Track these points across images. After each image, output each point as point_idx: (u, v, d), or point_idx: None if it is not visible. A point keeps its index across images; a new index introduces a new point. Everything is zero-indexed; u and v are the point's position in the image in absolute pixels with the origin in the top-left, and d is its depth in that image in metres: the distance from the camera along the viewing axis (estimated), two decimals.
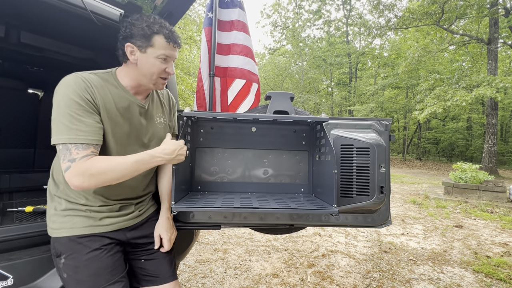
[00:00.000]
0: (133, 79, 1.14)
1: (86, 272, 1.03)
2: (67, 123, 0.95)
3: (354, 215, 1.28)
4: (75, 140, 0.95)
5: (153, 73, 1.10)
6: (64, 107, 0.96)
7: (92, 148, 0.99)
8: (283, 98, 1.45)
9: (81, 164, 0.95)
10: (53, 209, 1.12)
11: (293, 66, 27.06)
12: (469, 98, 10.27)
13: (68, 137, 0.95)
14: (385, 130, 1.34)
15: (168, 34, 1.09)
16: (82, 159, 0.95)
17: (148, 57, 1.08)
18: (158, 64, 1.10)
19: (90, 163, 0.96)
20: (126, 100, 1.13)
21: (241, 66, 2.50)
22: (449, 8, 12.00)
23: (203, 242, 3.54)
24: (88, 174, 0.94)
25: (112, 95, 1.09)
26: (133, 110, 1.16)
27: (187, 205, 1.13)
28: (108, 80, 1.11)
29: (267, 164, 1.52)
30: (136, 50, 1.08)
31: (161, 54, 1.09)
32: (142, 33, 1.06)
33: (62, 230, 1.08)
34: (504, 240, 3.93)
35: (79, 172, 0.94)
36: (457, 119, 22.20)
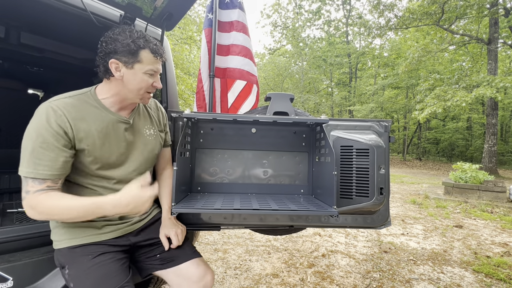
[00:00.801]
0: (117, 95, 1.10)
1: (90, 280, 1.02)
2: (28, 156, 0.95)
3: (353, 216, 1.28)
4: (32, 175, 0.94)
5: (140, 88, 1.07)
6: (29, 139, 0.95)
7: (48, 183, 0.97)
8: (283, 99, 1.45)
9: (32, 198, 0.94)
10: (55, 222, 1.13)
11: (293, 66, 27.06)
12: (469, 98, 10.27)
13: (27, 170, 0.94)
14: (384, 131, 1.34)
15: (154, 48, 1.06)
16: (35, 193, 0.95)
17: (135, 73, 1.05)
18: (146, 79, 1.07)
19: (39, 200, 0.94)
20: (108, 120, 1.09)
21: (240, 66, 2.51)
22: (449, 8, 12.00)
23: (203, 242, 3.54)
24: (37, 211, 0.94)
25: (91, 117, 1.05)
26: (117, 128, 1.12)
27: (187, 206, 1.13)
28: (86, 101, 1.07)
29: (267, 165, 1.52)
30: (121, 66, 1.03)
31: (149, 70, 1.06)
32: (128, 48, 1.02)
33: (63, 242, 1.08)
34: (504, 240, 3.93)
35: (30, 206, 0.94)
36: (457, 119, 22.20)
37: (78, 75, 2.51)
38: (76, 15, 1.49)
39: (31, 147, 0.95)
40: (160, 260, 1.23)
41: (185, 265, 1.22)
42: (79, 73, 2.45)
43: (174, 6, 1.61)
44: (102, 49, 1.04)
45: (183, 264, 1.22)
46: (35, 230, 1.28)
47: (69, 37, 1.94)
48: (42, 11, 1.50)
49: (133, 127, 1.19)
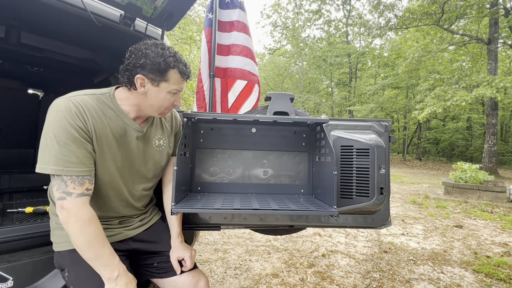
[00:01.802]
0: (136, 107, 1.09)
1: (90, 283, 1.00)
2: (56, 152, 0.91)
3: (353, 216, 1.28)
4: (68, 172, 0.92)
5: (161, 106, 1.07)
6: (54, 134, 0.91)
7: (87, 184, 0.96)
8: (283, 99, 1.45)
9: (74, 204, 0.93)
10: (55, 223, 1.11)
11: (293, 66, 27.06)
12: (469, 98, 10.27)
13: (58, 168, 0.91)
14: (384, 131, 1.34)
15: (183, 70, 1.06)
16: (78, 197, 0.94)
17: (160, 91, 1.04)
18: (169, 98, 1.07)
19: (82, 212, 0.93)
20: (123, 125, 1.08)
21: (241, 66, 2.51)
22: (449, 8, 12.00)
23: (203, 242, 3.54)
24: (73, 221, 0.92)
25: (108, 119, 1.04)
26: (130, 135, 1.11)
27: (187, 206, 1.13)
28: (105, 102, 1.05)
29: (267, 165, 1.52)
30: (147, 82, 1.02)
31: (174, 89, 1.06)
32: (158, 67, 1.00)
33: (63, 244, 1.07)
34: (504, 240, 3.93)
35: (69, 210, 0.92)
36: (457, 119, 22.20)
37: (78, 75, 2.51)
38: (76, 15, 1.49)
39: (56, 143, 0.91)
40: (157, 269, 1.23)
41: (181, 275, 1.22)
42: (79, 73, 2.45)
43: (174, 6, 1.61)
44: (130, 60, 1.02)
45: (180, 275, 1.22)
46: (35, 230, 1.28)
47: (69, 37, 1.93)
48: (42, 11, 1.50)
49: (145, 136, 1.17)
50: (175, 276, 1.22)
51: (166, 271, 1.23)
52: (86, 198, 0.96)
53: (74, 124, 0.94)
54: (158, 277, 1.24)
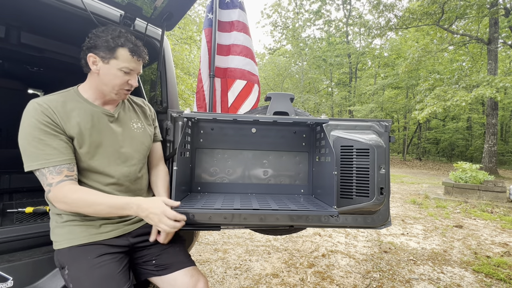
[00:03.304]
0: (96, 89, 1.15)
1: (90, 280, 1.01)
2: (33, 149, 0.98)
3: (353, 216, 1.28)
4: (46, 164, 0.99)
5: (115, 84, 1.12)
6: (27, 134, 0.99)
7: (65, 171, 1.02)
8: (283, 99, 1.45)
9: (58, 190, 0.99)
10: (55, 222, 1.14)
11: (293, 66, 27.06)
12: (468, 98, 10.26)
13: (39, 163, 0.98)
14: (384, 131, 1.34)
15: (133, 48, 1.11)
16: (58, 184, 1.00)
17: (110, 68, 1.10)
18: (121, 75, 1.11)
19: (66, 192, 0.99)
20: (91, 113, 1.13)
21: (241, 66, 2.50)
22: (449, 8, 12.00)
23: (203, 242, 3.54)
24: (64, 201, 1.00)
25: (76, 112, 1.09)
26: (101, 120, 1.15)
27: (187, 206, 1.13)
28: (70, 97, 1.12)
29: (267, 165, 1.52)
30: (98, 61, 1.09)
31: (124, 67, 1.11)
32: (106, 45, 1.08)
33: (63, 242, 1.09)
34: (504, 240, 3.93)
35: (58, 199, 1.00)
36: (457, 119, 22.20)
37: (78, 75, 2.50)
38: (76, 15, 1.49)
39: (30, 141, 0.99)
40: (155, 266, 1.23)
41: (179, 273, 1.22)
42: (79, 73, 2.44)
43: (174, 6, 1.61)
44: (85, 43, 1.11)
45: (177, 272, 1.22)
46: (35, 230, 1.28)
47: (69, 37, 1.93)
48: (42, 11, 1.50)
49: (119, 120, 1.22)
50: (175, 273, 1.21)
51: (165, 267, 1.22)
52: (66, 181, 1.01)
53: (42, 120, 1.00)
54: (157, 275, 1.23)
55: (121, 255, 1.14)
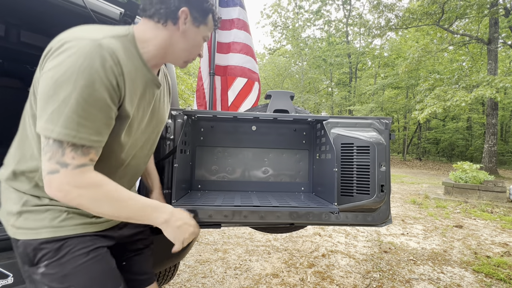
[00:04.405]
0: (162, 50, 0.87)
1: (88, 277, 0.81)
2: (69, 111, 0.67)
3: (354, 213, 1.28)
4: (74, 139, 0.69)
5: (194, 52, 0.94)
6: (73, 87, 0.67)
7: (92, 154, 0.74)
8: (283, 97, 1.44)
9: (73, 176, 0.70)
10: (21, 204, 0.82)
11: (293, 66, 27.08)
12: (468, 99, 10.27)
13: (66, 132, 0.68)
14: (385, 128, 1.34)
15: (216, 16, 0.96)
16: (77, 168, 0.71)
17: (198, 33, 0.90)
18: (201, 44, 0.95)
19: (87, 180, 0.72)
20: (147, 78, 0.87)
21: (241, 64, 2.50)
22: (449, 8, 12.01)
23: (203, 242, 3.53)
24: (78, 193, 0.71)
25: (135, 70, 0.81)
26: (150, 92, 0.90)
27: (187, 203, 1.12)
28: (129, 48, 0.81)
29: (267, 163, 1.52)
30: (189, 21, 0.86)
31: (207, 36, 0.95)
32: (202, 6, 0.88)
33: (43, 230, 0.81)
34: (504, 240, 3.92)
35: (68, 184, 0.70)
36: (457, 119, 22.22)
37: None
38: (76, 12, 1.48)
39: (74, 99, 0.67)
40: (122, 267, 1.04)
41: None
42: None
43: None
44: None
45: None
46: None
47: None
48: (42, 9, 1.50)
49: (159, 92, 0.99)
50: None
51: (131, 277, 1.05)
52: (89, 167, 0.74)
53: (107, 82, 0.72)
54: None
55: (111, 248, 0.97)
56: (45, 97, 0.68)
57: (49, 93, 0.68)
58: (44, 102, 0.68)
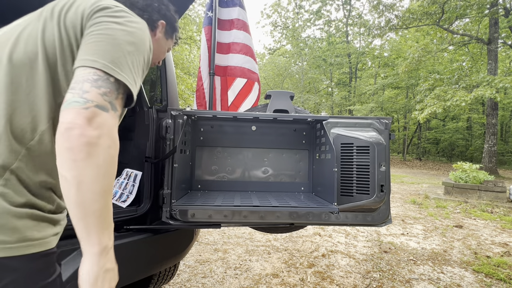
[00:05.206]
0: None
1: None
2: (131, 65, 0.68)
3: (354, 213, 1.28)
4: (132, 88, 0.67)
5: (159, 58, 1.09)
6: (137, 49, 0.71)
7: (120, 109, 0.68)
8: (283, 97, 1.44)
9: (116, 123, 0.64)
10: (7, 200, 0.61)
11: (293, 66, 27.08)
12: (468, 99, 10.27)
13: (127, 79, 0.66)
14: (385, 128, 1.34)
15: (178, 36, 1.15)
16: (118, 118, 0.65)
17: (166, 44, 1.07)
18: (163, 54, 1.10)
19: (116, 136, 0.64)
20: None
21: (240, 64, 2.50)
22: (449, 8, 12.01)
23: (203, 242, 3.53)
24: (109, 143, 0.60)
25: None
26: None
27: (187, 203, 1.12)
28: None
29: (267, 163, 1.52)
30: (162, 32, 1.03)
31: (169, 48, 1.12)
32: (173, 24, 1.06)
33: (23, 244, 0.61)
34: (504, 240, 3.92)
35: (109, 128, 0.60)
36: (457, 119, 22.22)
37: None
38: None
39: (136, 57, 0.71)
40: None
41: None
42: None
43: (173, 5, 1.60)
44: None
45: None
46: None
47: None
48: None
49: None
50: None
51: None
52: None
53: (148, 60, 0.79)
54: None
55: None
56: (112, 43, 0.66)
57: (116, 41, 0.67)
58: (110, 46, 0.66)
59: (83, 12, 0.72)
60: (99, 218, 0.59)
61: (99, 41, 0.66)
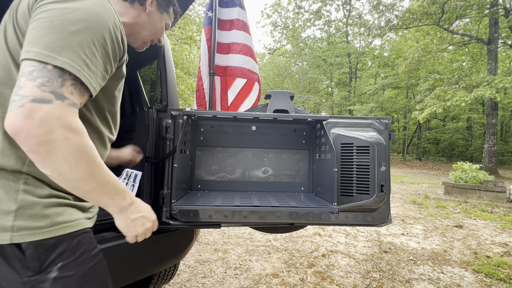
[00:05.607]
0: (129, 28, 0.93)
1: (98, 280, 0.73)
2: (76, 47, 0.61)
3: (354, 213, 1.28)
4: (79, 73, 0.61)
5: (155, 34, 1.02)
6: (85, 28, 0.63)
7: (84, 98, 0.65)
8: (283, 97, 1.44)
9: (68, 112, 0.59)
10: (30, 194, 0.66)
11: (293, 66, 27.08)
12: (468, 99, 10.27)
13: (72, 64, 0.60)
14: (385, 128, 1.34)
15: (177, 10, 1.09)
16: (72, 106, 0.60)
17: (161, 19, 1.01)
18: (163, 30, 1.04)
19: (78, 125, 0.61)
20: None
21: (240, 65, 2.50)
22: (449, 8, 12.01)
23: (203, 242, 3.53)
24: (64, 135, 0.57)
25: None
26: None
27: (187, 203, 1.12)
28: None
29: (267, 163, 1.52)
30: (154, 5, 0.96)
31: (168, 25, 1.06)
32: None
33: (58, 227, 0.67)
34: (504, 240, 3.92)
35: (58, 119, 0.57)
36: (457, 119, 22.23)
37: None
38: None
39: (84, 37, 0.62)
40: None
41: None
42: None
43: None
44: None
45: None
46: None
47: None
48: None
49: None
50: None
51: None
52: (77, 110, 0.64)
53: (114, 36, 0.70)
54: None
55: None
56: (49, 26, 0.60)
57: (54, 23, 0.60)
58: (46, 30, 0.59)
59: (28, 2, 0.66)
60: (102, 191, 0.67)
61: (35, 28, 0.60)
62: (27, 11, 0.65)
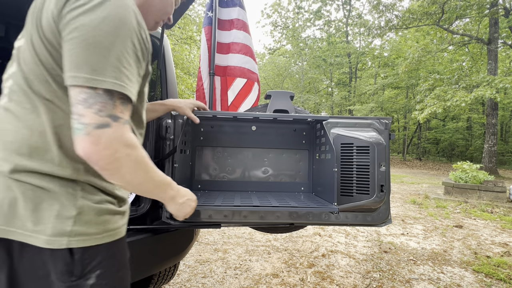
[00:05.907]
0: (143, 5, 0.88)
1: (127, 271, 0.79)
2: (115, 61, 0.62)
3: (354, 213, 1.28)
4: (126, 91, 0.63)
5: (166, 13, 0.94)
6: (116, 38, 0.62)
7: (130, 108, 0.68)
8: (283, 97, 1.44)
9: (125, 131, 0.64)
10: (87, 199, 0.70)
11: (293, 66, 27.09)
12: (468, 99, 10.27)
13: (117, 82, 0.61)
14: (385, 128, 1.34)
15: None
16: (126, 124, 0.65)
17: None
18: (173, 5, 0.96)
19: (133, 139, 0.65)
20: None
21: (240, 64, 2.50)
22: (449, 8, 12.02)
23: (203, 242, 3.53)
24: (126, 152, 0.63)
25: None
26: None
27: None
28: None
29: (267, 163, 1.52)
30: None
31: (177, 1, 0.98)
32: None
33: (105, 234, 0.71)
34: (504, 240, 3.92)
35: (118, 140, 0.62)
36: (457, 119, 22.23)
37: None
38: None
39: (118, 48, 0.62)
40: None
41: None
42: None
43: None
44: None
45: None
46: None
47: None
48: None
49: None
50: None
51: None
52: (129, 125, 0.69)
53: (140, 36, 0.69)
54: None
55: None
56: (85, 46, 0.60)
57: (89, 41, 0.60)
58: (84, 51, 0.60)
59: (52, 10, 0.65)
60: (157, 189, 0.78)
61: (72, 50, 0.61)
62: (52, 22, 0.65)
